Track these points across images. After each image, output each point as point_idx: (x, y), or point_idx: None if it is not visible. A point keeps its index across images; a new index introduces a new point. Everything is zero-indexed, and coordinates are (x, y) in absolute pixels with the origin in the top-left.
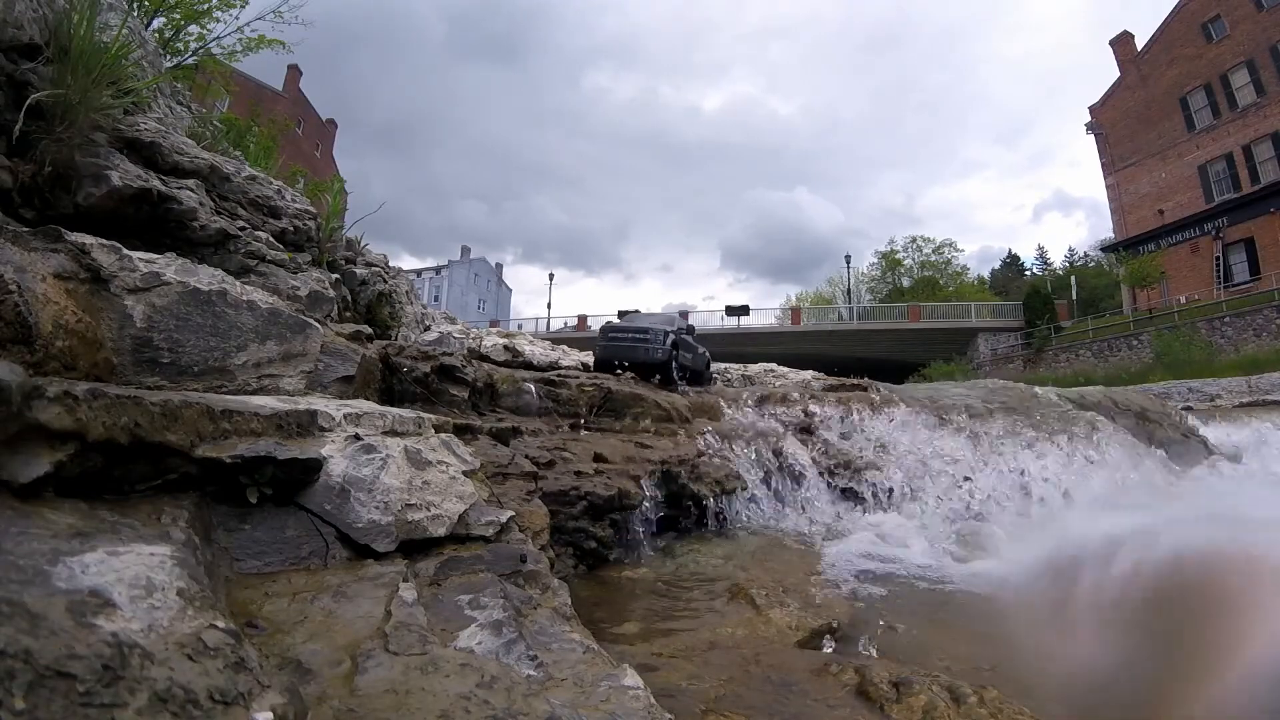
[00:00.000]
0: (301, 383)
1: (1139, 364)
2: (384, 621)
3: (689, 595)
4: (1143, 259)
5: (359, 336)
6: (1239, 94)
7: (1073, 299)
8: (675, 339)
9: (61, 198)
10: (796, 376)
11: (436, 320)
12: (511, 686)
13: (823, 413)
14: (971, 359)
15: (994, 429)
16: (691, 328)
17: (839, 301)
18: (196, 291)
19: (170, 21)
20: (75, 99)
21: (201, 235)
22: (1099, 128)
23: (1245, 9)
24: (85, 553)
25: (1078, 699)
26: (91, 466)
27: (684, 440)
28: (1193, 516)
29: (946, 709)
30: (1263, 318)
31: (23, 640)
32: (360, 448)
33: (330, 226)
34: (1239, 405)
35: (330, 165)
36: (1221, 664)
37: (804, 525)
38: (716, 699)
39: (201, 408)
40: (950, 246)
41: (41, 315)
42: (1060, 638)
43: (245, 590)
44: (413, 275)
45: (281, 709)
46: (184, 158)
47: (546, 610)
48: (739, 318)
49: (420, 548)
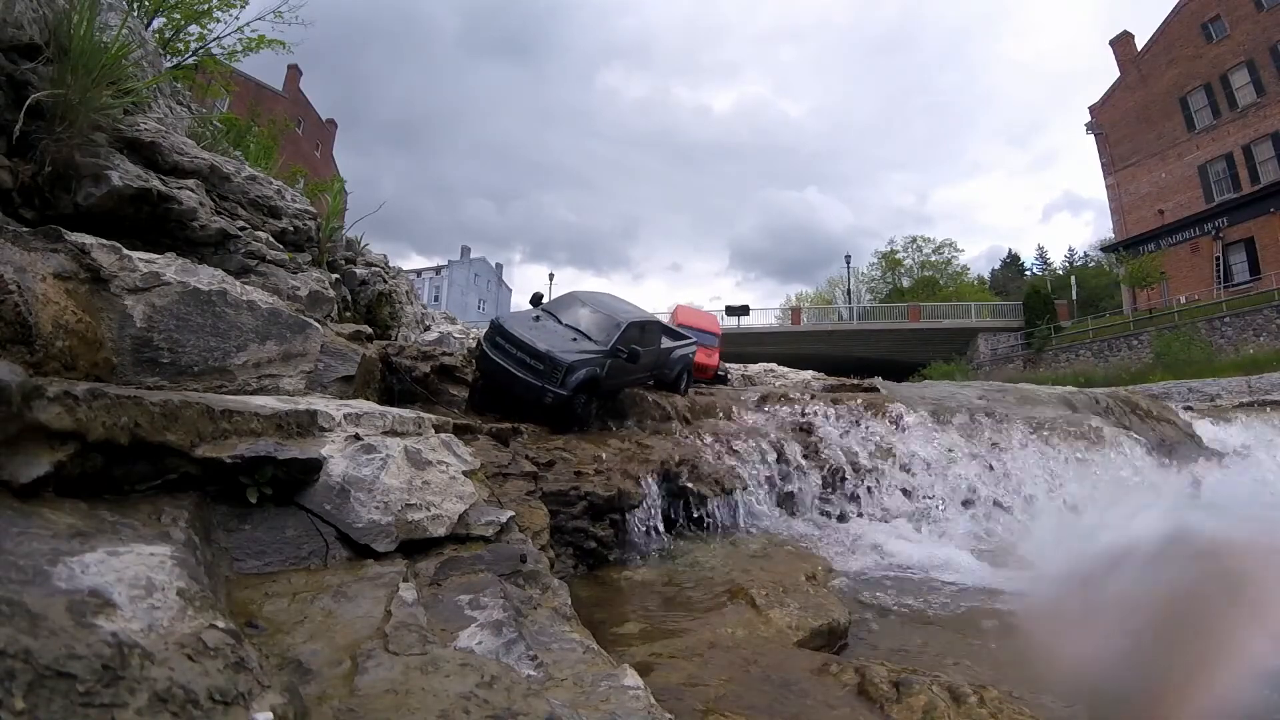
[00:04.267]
0: (301, 383)
1: (1139, 364)
2: (384, 621)
3: (689, 595)
4: (1143, 259)
5: (359, 336)
6: (1239, 94)
7: (1073, 299)
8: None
9: (61, 198)
10: (796, 376)
11: (436, 320)
12: (511, 686)
13: (823, 413)
14: (971, 359)
15: (1014, 436)
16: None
17: (839, 301)
18: (196, 291)
19: (170, 21)
20: (75, 99)
21: (201, 235)
22: (1099, 128)
23: (1245, 9)
24: (85, 553)
25: (1081, 696)
26: (91, 466)
27: (684, 440)
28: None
29: (946, 709)
30: (1263, 318)
31: (23, 640)
32: (360, 448)
33: (330, 226)
34: (1239, 405)
35: (330, 165)
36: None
37: (804, 525)
38: (716, 699)
39: (201, 408)
40: (950, 246)
41: (41, 315)
42: (1065, 636)
43: (245, 590)
44: (413, 275)
45: (281, 709)
46: (184, 158)
47: (546, 610)
48: (739, 317)
49: (420, 548)
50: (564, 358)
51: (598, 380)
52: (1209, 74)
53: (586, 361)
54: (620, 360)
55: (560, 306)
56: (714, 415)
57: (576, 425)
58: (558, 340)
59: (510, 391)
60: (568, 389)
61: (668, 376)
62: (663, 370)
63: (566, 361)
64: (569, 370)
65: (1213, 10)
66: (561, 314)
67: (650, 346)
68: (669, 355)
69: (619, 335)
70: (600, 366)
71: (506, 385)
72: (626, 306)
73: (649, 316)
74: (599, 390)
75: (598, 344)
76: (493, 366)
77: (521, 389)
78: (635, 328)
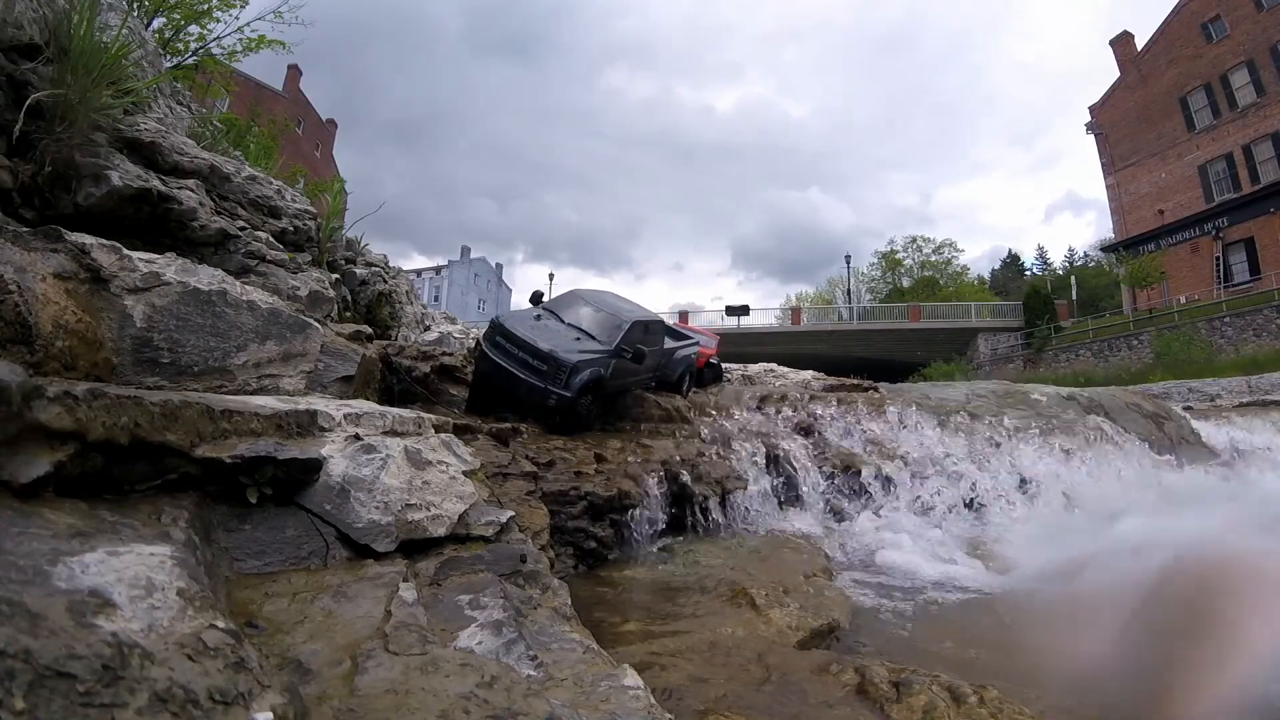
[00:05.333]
0: (301, 382)
1: (1139, 364)
2: (384, 621)
3: (689, 595)
4: (1143, 259)
5: (359, 336)
6: (1239, 94)
7: (1073, 299)
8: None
9: (61, 198)
10: (796, 376)
11: (436, 320)
12: (511, 686)
13: (823, 413)
14: (971, 359)
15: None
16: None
17: (839, 301)
18: (196, 291)
19: (170, 21)
20: (75, 99)
21: (201, 235)
22: (1099, 128)
23: (1245, 9)
24: (85, 553)
25: (1081, 696)
26: (91, 466)
27: (685, 440)
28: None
29: (947, 709)
30: (1263, 318)
31: (23, 640)
32: (360, 448)
33: (330, 226)
34: (1239, 405)
35: (330, 165)
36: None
37: (804, 525)
38: (716, 699)
39: (201, 408)
40: (950, 246)
41: (41, 315)
42: (1064, 637)
43: (245, 590)
44: (413, 275)
45: (281, 709)
46: (184, 158)
47: (546, 610)
48: (739, 317)
49: (420, 548)
50: (568, 358)
51: (602, 381)
52: (1209, 74)
53: (591, 362)
54: (625, 360)
55: (562, 305)
56: (714, 415)
57: (580, 427)
58: (561, 340)
59: (512, 393)
60: (572, 390)
61: (670, 377)
62: (665, 371)
63: (571, 362)
64: (573, 371)
65: (1213, 10)
66: (563, 313)
67: (654, 347)
68: (672, 356)
69: (623, 335)
70: (604, 367)
71: (508, 387)
72: (629, 305)
73: (653, 315)
74: (603, 391)
75: (601, 344)
76: (493, 367)
77: (524, 390)
78: (639, 327)
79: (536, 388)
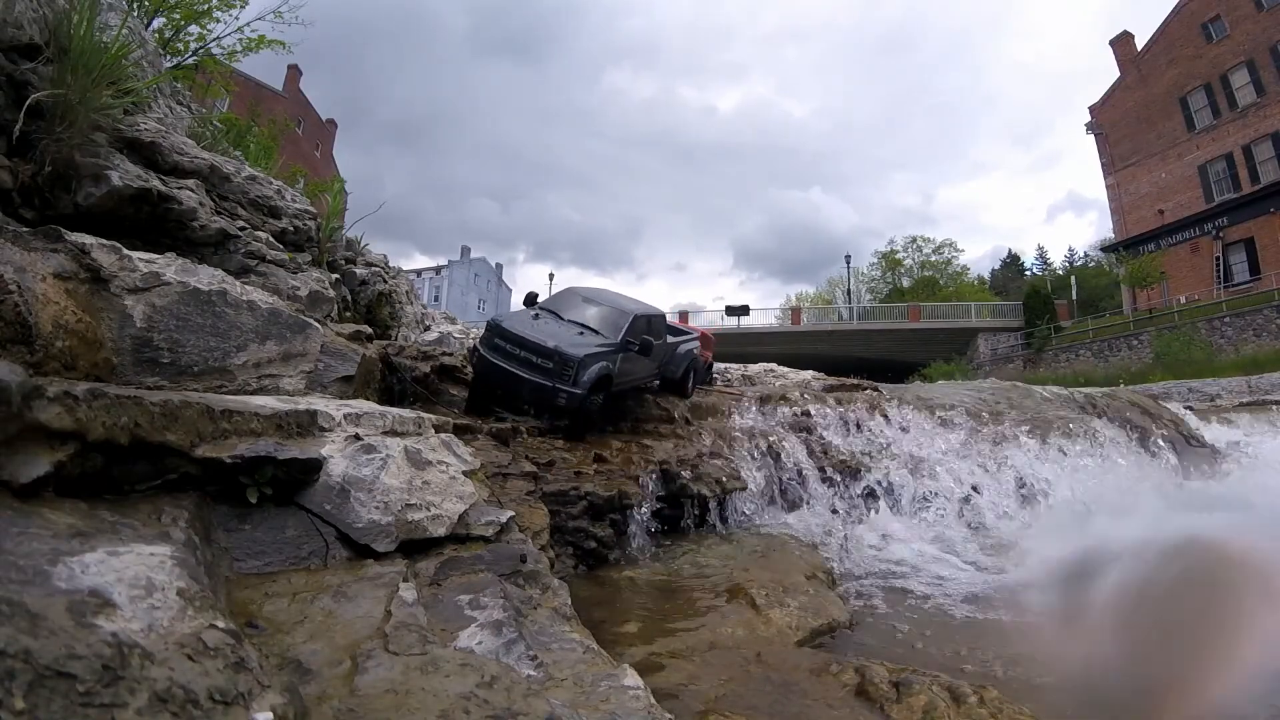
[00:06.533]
0: (301, 383)
1: (1139, 364)
2: (384, 621)
3: (689, 595)
4: (1143, 259)
5: (359, 336)
6: (1239, 94)
7: (1073, 299)
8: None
9: (61, 198)
10: (796, 376)
11: (436, 320)
12: (511, 686)
13: (823, 413)
14: (971, 359)
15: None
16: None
17: (839, 301)
18: (196, 291)
19: (170, 21)
20: (75, 99)
21: (201, 235)
22: (1099, 128)
23: (1245, 9)
24: (85, 553)
25: (1081, 696)
26: (91, 466)
27: (685, 441)
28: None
29: (947, 709)
30: (1263, 318)
31: (23, 640)
32: (360, 448)
33: (330, 226)
34: (1239, 405)
35: (330, 165)
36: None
37: (804, 525)
38: (716, 699)
39: (201, 408)
40: (950, 246)
41: (41, 315)
42: (1065, 637)
43: (245, 590)
44: (413, 275)
45: (281, 709)
46: (184, 158)
47: (546, 610)
48: (739, 317)
49: (420, 548)
50: (575, 353)
51: (610, 377)
52: (1209, 74)
53: (599, 356)
54: (632, 354)
55: (560, 303)
56: (714, 415)
57: (591, 428)
58: (565, 336)
59: (516, 395)
60: (582, 387)
61: (674, 374)
62: (669, 367)
63: (578, 357)
64: (581, 366)
65: (1213, 10)
66: (563, 311)
67: (658, 341)
68: (675, 350)
69: (628, 327)
70: (612, 361)
71: (512, 388)
72: (630, 300)
73: (655, 309)
74: (611, 388)
75: (606, 338)
76: (492, 369)
77: (530, 391)
78: (643, 320)
79: (544, 387)
